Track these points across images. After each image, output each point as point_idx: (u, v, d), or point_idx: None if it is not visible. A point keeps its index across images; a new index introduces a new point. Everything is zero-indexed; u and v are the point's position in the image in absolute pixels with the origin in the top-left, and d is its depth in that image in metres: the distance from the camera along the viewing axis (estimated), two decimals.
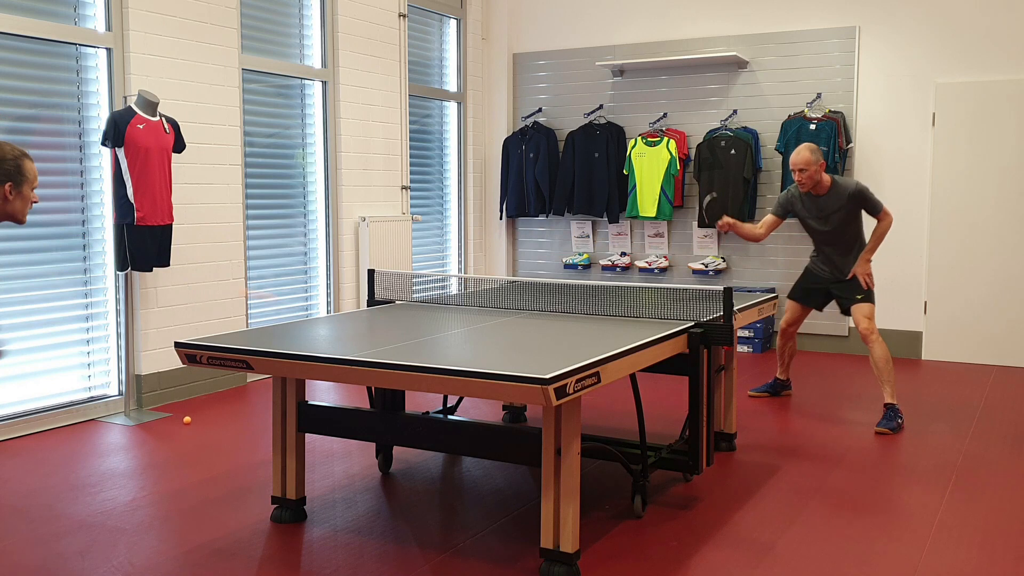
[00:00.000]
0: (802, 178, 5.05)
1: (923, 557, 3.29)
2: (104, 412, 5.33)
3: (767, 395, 5.73)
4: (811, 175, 5.03)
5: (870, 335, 5.08)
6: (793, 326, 5.55)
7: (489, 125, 8.58)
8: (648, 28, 7.90)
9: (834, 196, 5.11)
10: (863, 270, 5.17)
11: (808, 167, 5.01)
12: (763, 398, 5.70)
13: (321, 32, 6.76)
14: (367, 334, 3.57)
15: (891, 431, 4.90)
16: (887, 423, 4.95)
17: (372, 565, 3.20)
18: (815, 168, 5.02)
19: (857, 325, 5.15)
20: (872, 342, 5.08)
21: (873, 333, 5.09)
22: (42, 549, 3.35)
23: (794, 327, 5.56)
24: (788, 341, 5.61)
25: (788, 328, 5.56)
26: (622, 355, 3.13)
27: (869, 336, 5.08)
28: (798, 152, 5.04)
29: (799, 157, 5.02)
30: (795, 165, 5.05)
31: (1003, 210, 6.79)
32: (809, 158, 5.01)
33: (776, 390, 5.74)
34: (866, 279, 5.15)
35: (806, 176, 5.04)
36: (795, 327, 5.56)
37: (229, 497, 3.92)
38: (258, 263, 6.34)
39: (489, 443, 3.28)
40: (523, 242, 8.59)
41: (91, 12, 5.21)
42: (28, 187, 2.91)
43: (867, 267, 5.17)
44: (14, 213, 2.91)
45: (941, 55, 6.94)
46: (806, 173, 5.03)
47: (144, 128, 5.09)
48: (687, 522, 3.62)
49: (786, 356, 5.66)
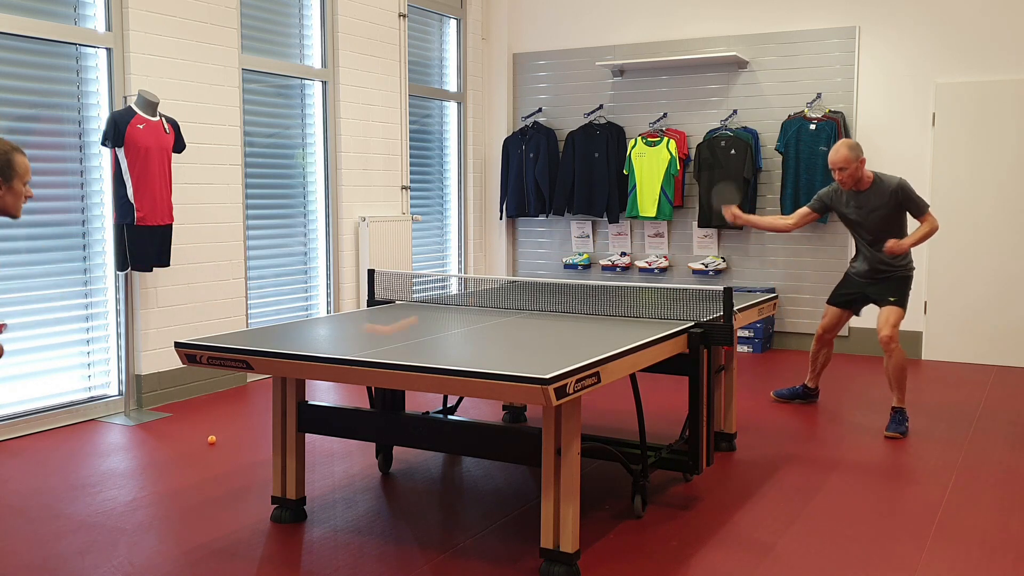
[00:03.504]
0: (843, 177, 4.86)
1: (923, 557, 3.29)
2: (104, 412, 5.33)
3: (800, 402, 5.56)
4: (852, 173, 4.85)
5: (890, 343, 4.92)
6: (830, 332, 5.39)
7: (489, 125, 8.58)
8: (648, 28, 7.90)
9: (876, 192, 4.92)
10: (898, 244, 4.82)
11: (848, 165, 4.82)
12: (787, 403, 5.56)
13: (321, 32, 6.76)
14: (367, 334, 3.57)
15: (901, 435, 4.84)
16: (896, 427, 4.89)
17: (372, 565, 3.20)
18: (855, 166, 4.83)
19: (879, 329, 4.96)
20: (891, 351, 4.94)
21: (893, 341, 4.92)
22: (42, 549, 3.35)
23: (831, 333, 5.40)
24: (823, 347, 5.44)
25: (825, 334, 5.40)
26: (622, 355, 3.13)
27: (889, 344, 4.92)
28: (836, 151, 4.84)
29: (837, 156, 4.82)
30: (834, 164, 4.85)
31: (1003, 210, 6.79)
32: (848, 156, 4.80)
33: (805, 398, 5.57)
34: (896, 248, 4.82)
35: (847, 175, 4.85)
36: (832, 333, 5.40)
37: (229, 497, 3.92)
38: (258, 263, 6.34)
39: (489, 443, 3.28)
40: (523, 242, 8.59)
41: (91, 12, 5.21)
42: (19, 182, 2.88)
43: (902, 243, 4.83)
44: (6, 208, 2.89)
45: (941, 55, 6.94)
46: (846, 172, 4.85)
47: (144, 128, 5.09)
48: (687, 522, 3.62)
49: (819, 363, 5.48)
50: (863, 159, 4.89)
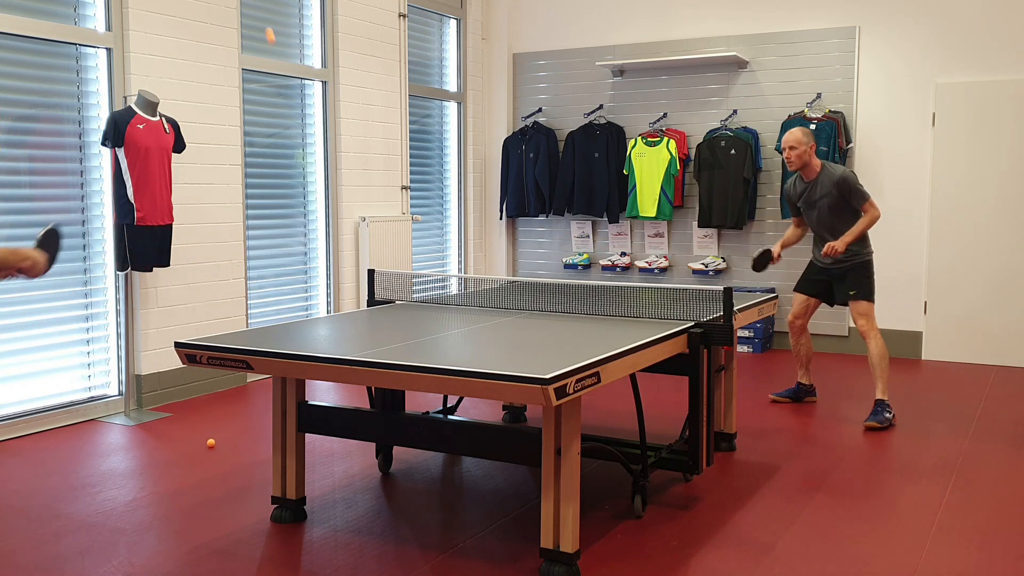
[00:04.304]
0: (791, 155, 5.08)
1: (923, 557, 3.29)
2: (104, 412, 5.33)
3: (788, 401, 5.60)
4: (800, 154, 5.06)
5: (868, 332, 5.11)
6: (799, 319, 5.45)
7: (489, 125, 8.58)
8: (648, 28, 7.90)
9: (822, 181, 5.12)
10: (834, 244, 5.02)
11: (799, 145, 5.05)
12: (786, 403, 5.58)
13: (321, 32, 6.76)
14: (367, 334, 3.57)
15: (879, 424, 4.94)
16: (875, 417, 4.98)
17: (372, 565, 3.20)
18: (804, 148, 5.05)
19: (854, 322, 5.18)
20: (869, 338, 5.10)
21: (872, 330, 5.09)
22: (42, 549, 3.35)
23: (801, 320, 5.46)
24: (799, 336, 5.49)
25: (795, 320, 5.47)
26: (622, 355, 3.13)
27: (867, 333, 5.11)
28: (791, 132, 5.09)
29: (791, 136, 5.07)
30: (786, 143, 5.09)
31: (1003, 210, 6.79)
32: (800, 138, 5.05)
33: (798, 396, 5.60)
34: (832, 250, 5.01)
35: (795, 155, 5.06)
36: (802, 320, 5.46)
37: (229, 497, 3.92)
38: (258, 263, 6.34)
39: (489, 443, 3.28)
40: (523, 242, 8.59)
41: (91, 12, 5.21)
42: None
43: (840, 246, 5.02)
44: None
45: (941, 55, 6.94)
46: (796, 151, 5.06)
47: (144, 128, 5.09)
48: (687, 522, 3.62)
49: (802, 356, 5.53)
50: (814, 145, 5.11)
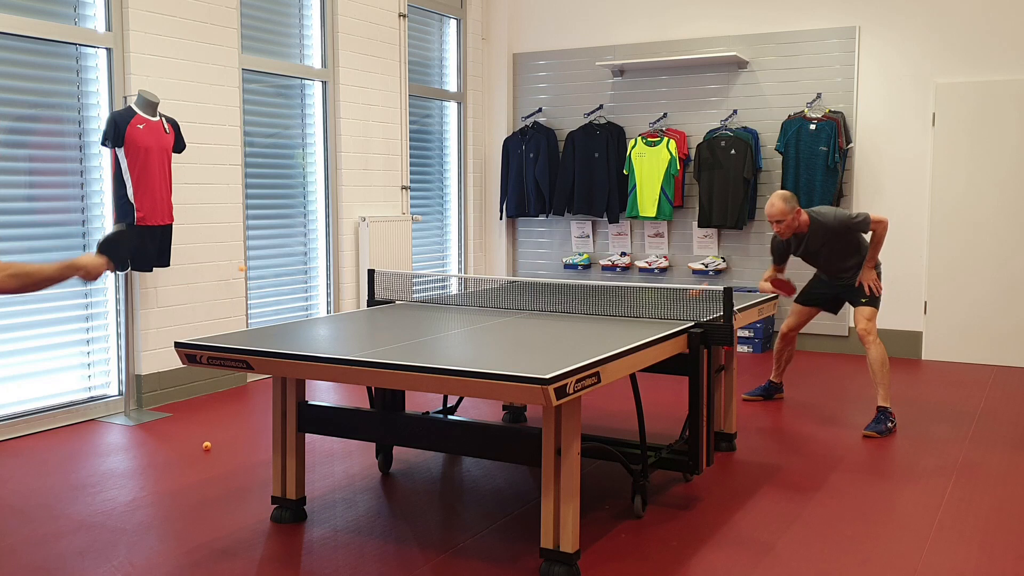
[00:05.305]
0: (781, 229, 4.98)
1: (923, 557, 3.29)
2: (104, 412, 5.33)
3: (760, 399, 5.70)
4: (788, 224, 4.95)
5: (867, 336, 5.05)
6: (794, 330, 5.53)
7: (489, 125, 8.58)
8: (648, 28, 7.90)
9: (816, 233, 5.05)
10: (869, 278, 5.10)
11: (784, 217, 4.92)
12: (758, 401, 5.68)
13: (321, 32, 6.76)
14: (367, 334, 3.57)
15: (879, 434, 4.87)
16: (876, 426, 4.92)
17: (372, 565, 3.20)
18: (791, 217, 4.93)
19: (856, 325, 5.13)
20: (869, 344, 5.05)
21: (871, 335, 5.05)
22: (42, 549, 3.35)
23: (795, 331, 5.53)
24: (788, 345, 5.58)
25: (789, 332, 5.53)
26: (622, 355, 3.13)
27: (866, 337, 5.04)
28: (771, 204, 4.94)
29: (773, 209, 4.93)
30: (771, 217, 4.96)
31: (1003, 210, 6.79)
32: (784, 208, 4.90)
33: (769, 393, 5.71)
34: (872, 286, 5.10)
35: (784, 226, 4.96)
36: (796, 331, 5.54)
37: (229, 497, 3.92)
38: (258, 263, 6.34)
39: (489, 443, 3.28)
40: (523, 242, 8.59)
41: (91, 12, 5.21)
42: None
43: (872, 274, 5.11)
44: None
45: (941, 55, 6.94)
46: (783, 224, 4.95)
47: (144, 128, 5.09)
48: (687, 522, 3.62)
49: (783, 360, 5.62)
50: (798, 209, 4.97)
